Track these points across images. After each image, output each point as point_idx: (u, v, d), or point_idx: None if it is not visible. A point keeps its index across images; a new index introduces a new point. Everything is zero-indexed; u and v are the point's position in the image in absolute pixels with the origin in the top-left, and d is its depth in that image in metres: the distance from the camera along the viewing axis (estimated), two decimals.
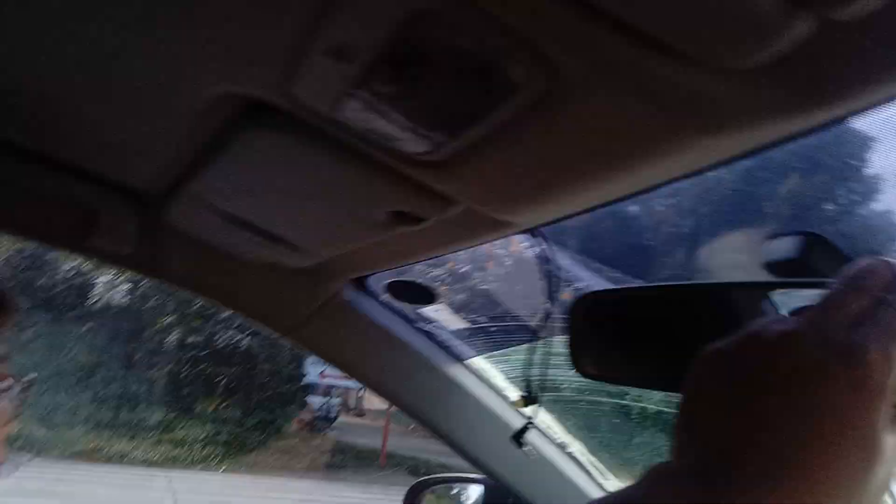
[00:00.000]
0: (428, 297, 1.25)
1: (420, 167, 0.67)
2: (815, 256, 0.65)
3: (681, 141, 0.49)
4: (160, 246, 1.07)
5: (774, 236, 0.70)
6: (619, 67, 0.43)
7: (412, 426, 17.27)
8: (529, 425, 0.90)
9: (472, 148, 0.59)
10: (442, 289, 1.22)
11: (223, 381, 13.07)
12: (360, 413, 18.11)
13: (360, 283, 1.26)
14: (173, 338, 12.85)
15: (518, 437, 0.91)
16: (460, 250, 0.99)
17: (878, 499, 0.38)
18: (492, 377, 1.35)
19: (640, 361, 0.75)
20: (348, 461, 13.09)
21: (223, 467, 11.80)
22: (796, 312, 0.64)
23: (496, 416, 1.33)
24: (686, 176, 0.59)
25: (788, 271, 0.67)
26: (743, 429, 0.38)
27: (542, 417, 1.37)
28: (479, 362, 1.34)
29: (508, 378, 1.36)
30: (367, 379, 1.36)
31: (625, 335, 0.79)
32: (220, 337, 12.81)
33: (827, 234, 0.67)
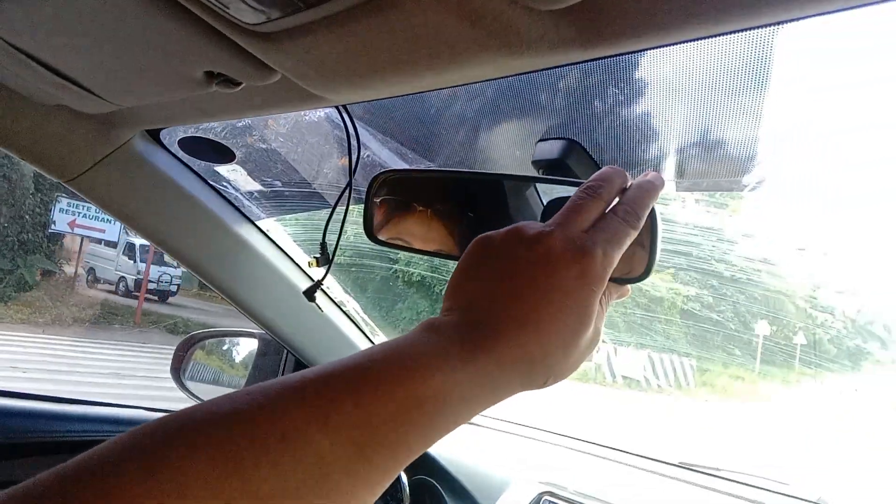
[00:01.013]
0: (224, 155, 1.25)
1: (246, 35, 0.69)
2: (572, 159, 0.81)
3: (485, 56, 0.59)
4: None
5: (543, 140, 0.84)
6: None
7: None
8: (320, 284, 1.00)
9: (302, 27, 0.64)
10: (241, 151, 1.24)
11: None
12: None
13: (154, 135, 1.23)
14: None
15: (310, 293, 1.01)
16: (266, 115, 1.02)
17: (587, 352, 0.54)
18: (281, 239, 1.41)
19: (426, 234, 0.88)
20: (100, 317, 12.40)
21: None
22: (553, 203, 0.80)
23: (283, 276, 1.41)
24: (484, 80, 0.70)
25: (550, 169, 0.82)
26: (497, 297, 0.51)
27: (327, 278, 1.48)
28: (271, 224, 1.40)
29: (297, 241, 1.43)
30: (152, 234, 1.35)
31: (416, 210, 0.91)
32: None
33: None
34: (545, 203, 0.82)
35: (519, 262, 0.52)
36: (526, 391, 0.51)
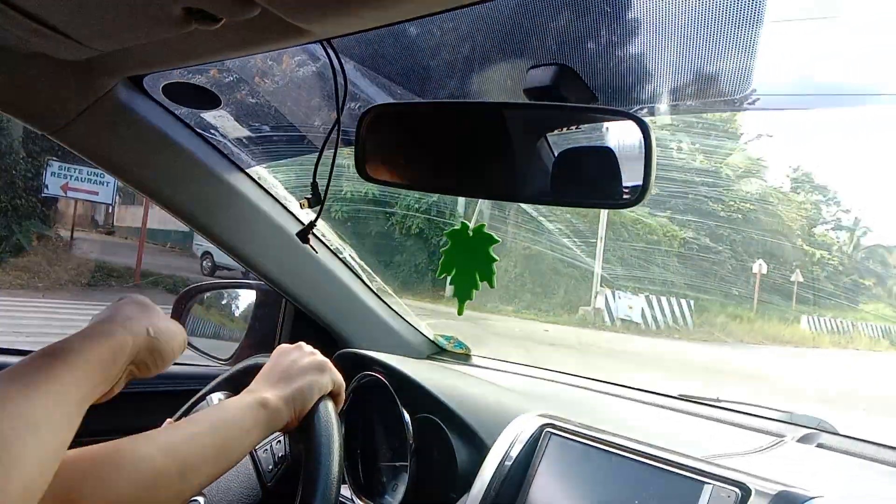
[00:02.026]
0: (210, 101, 1.23)
1: None
2: (564, 85, 0.79)
3: None
4: None
5: (534, 66, 0.82)
6: None
7: (168, 244, 16.72)
8: (313, 224, 0.99)
9: None
10: (226, 96, 1.21)
11: None
12: (110, 231, 17.02)
13: (137, 83, 1.20)
14: None
15: (303, 234, 1.00)
16: (250, 54, 0.99)
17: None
18: (273, 186, 1.40)
19: (418, 168, 0.87)
20: (99, 279, 12.40)
21: None
22: (566, 154, 0.78)
23: (276, 224, 1.39)
24: (471, 3, 0.68)
25: (542, 96, 0.80)
26: None
27: (321, 225, 1.47)
28: (261, 171, 1.38)
29: (289, 188, 1.42)
30: (140, 184, 1.33)
31: (404, 144, 0.89)
32: None
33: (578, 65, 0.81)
34: (557, 154, 0.80)
35: None
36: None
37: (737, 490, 0.85)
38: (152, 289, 12.47)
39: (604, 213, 11.87)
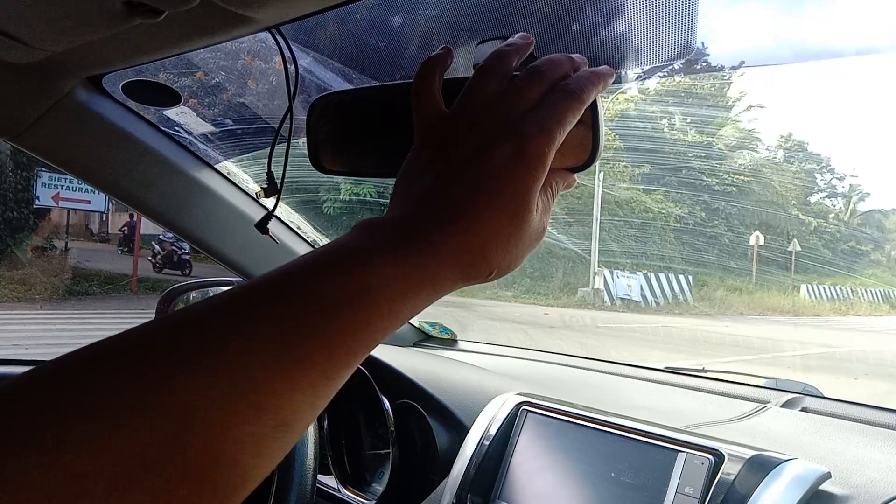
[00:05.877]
0: (170, 97, 1.21)
1: None
2: None
3: None
4: None
5: (483, 41, 0.81)
6: None
7: None
8: (272, 214, 0.98)
9: None
10: (190, 96, 1.20)
11: None
12: (105, 238, 17.00)
13: (96, 83, 1.19)
14: None
15: (262, 224, 0.99)
16: (204, 48, 0.98)
17: (533, 244, 0.51)
18: (244, 181, 1.39)
19: (372, 154, 0.85)
20: (95, 287, 12.39)
21: None
22: None
23: (248, 219, 1.38)
24: None
25: None
26: (431, 189, 0.48)
27: (296, 218, 1.46)
28: (230, 166, 1.36)
29: (260, 182, 1.40)
30: (108, 186, 1.32)
31: (358, 132, 0.88)
32: None
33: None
34: None
35: (452, 152, 0.49)
36: (469, 284, 0.48)
37: (710, 456, 0.85)
38: (149, 295, 12.47)
39: (597, 192, 11.86)
